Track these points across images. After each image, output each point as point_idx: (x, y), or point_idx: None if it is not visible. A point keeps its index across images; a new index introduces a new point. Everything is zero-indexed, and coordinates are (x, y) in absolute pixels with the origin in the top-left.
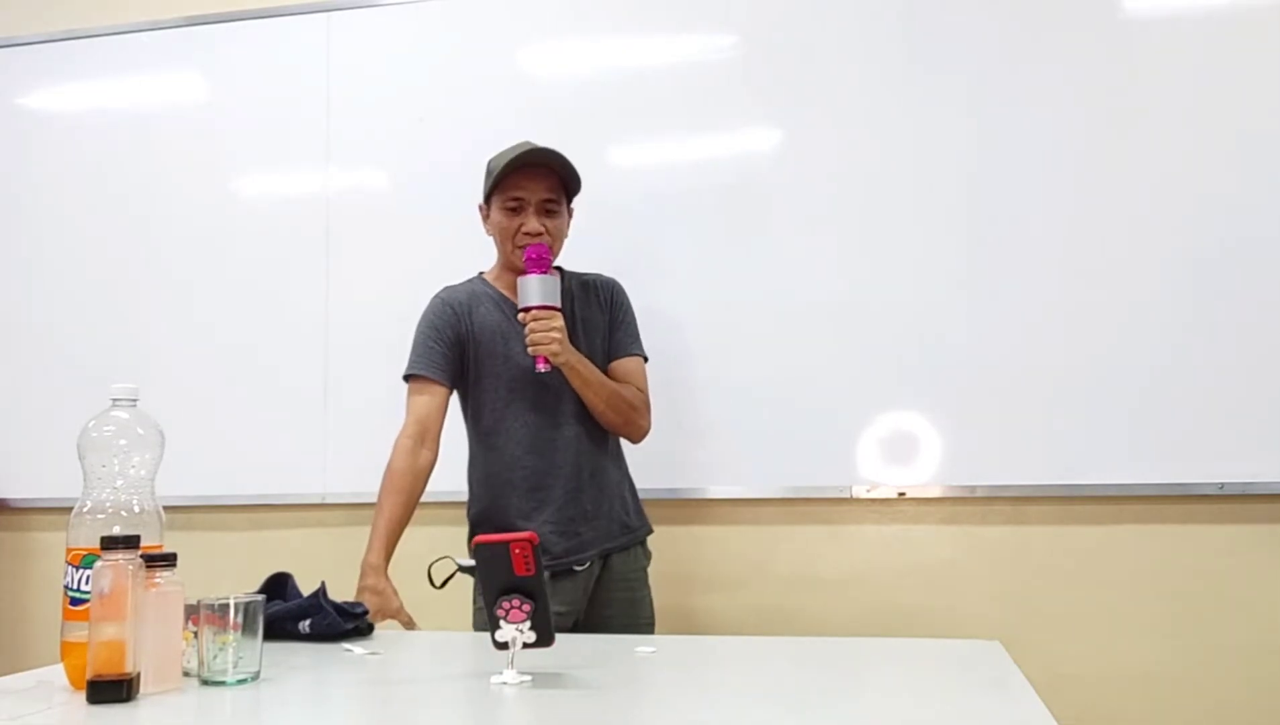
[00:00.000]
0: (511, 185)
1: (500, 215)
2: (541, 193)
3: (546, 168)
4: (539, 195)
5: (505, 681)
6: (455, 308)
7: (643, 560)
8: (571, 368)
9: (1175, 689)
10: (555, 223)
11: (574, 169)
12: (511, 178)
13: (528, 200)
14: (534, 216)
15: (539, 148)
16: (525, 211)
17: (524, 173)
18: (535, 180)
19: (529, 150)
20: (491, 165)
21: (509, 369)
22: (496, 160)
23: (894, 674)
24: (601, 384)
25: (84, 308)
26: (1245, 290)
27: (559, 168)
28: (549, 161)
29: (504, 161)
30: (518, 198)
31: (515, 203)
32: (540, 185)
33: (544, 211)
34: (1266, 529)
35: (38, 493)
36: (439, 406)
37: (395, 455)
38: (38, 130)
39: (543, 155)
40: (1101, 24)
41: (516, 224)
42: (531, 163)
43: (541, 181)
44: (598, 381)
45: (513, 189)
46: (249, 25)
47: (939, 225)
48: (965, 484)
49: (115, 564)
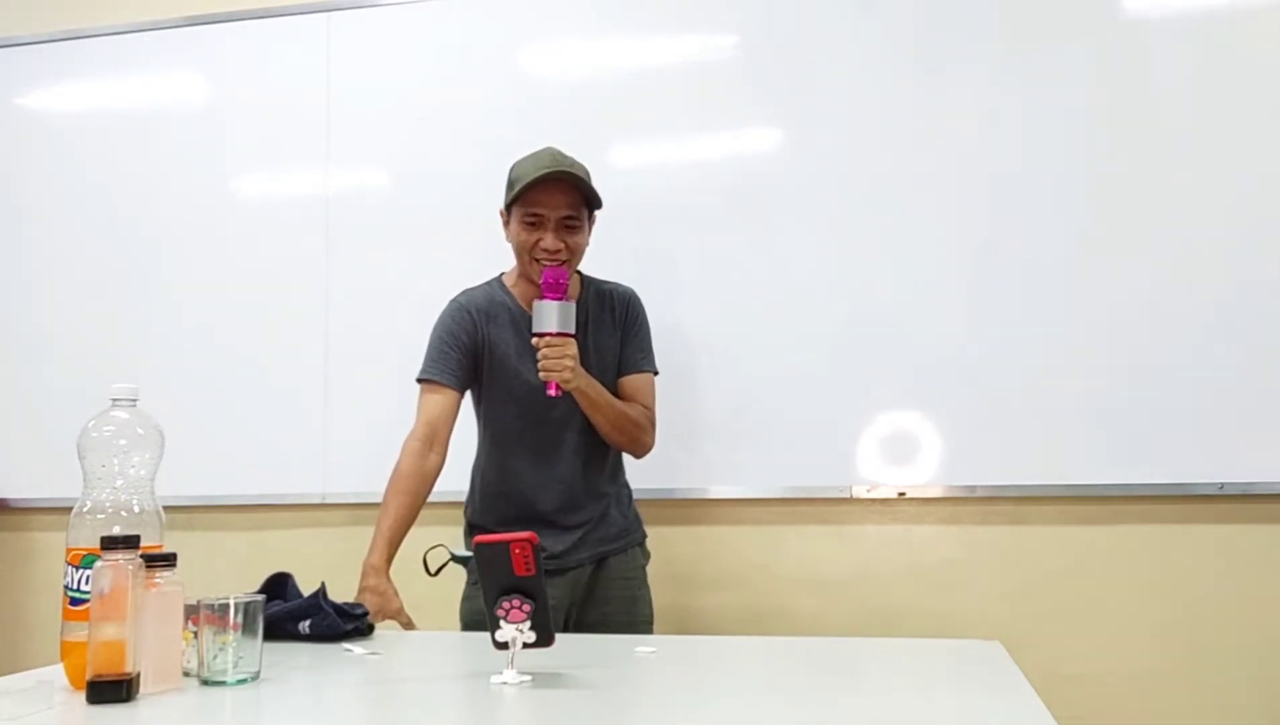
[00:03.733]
0: (531, 200)
1: (519, 228)
2: (562, 210)
3: (568, 183)
4: (559, 212)
5: (505, 681)
6: (474, 315)
7: (641, 560)
8: (581, 392)
9: (1175, 689)
10: (575, 239)
11: (593, 188)
12: (532, 193)
13: (547, 217)
14: (552, 233)
15: (561, 167)
16: (544, 227)
17: (545, 187)
18: (556, 196)
19: (551, 170)
20: (513, 176)
21: (520, 385)
22: (519, 170)
23: (894, 674)
24: (609, 406)
25: (84, 308)
26: (1245, 290)
27: (580, 183)
28: (571, 178)
29: (525, 175)
30: (536, 214)
31: (534, 218)
32: (561, 201)
33: (563, 227)
34: (1266, 529)
35: (38, 493)
36: (449, 411)
37: (403, 457)
38: (38, 130)
39: (565, 172)
40: (1104, 24)
41: (534, 239)
42: (554, 178)
43: (562, 197)
44: (606, 403)
45: (533, 204)
46: (249, 25)
47: (940, 226)
48: (965, 484)
49: (115, 564)
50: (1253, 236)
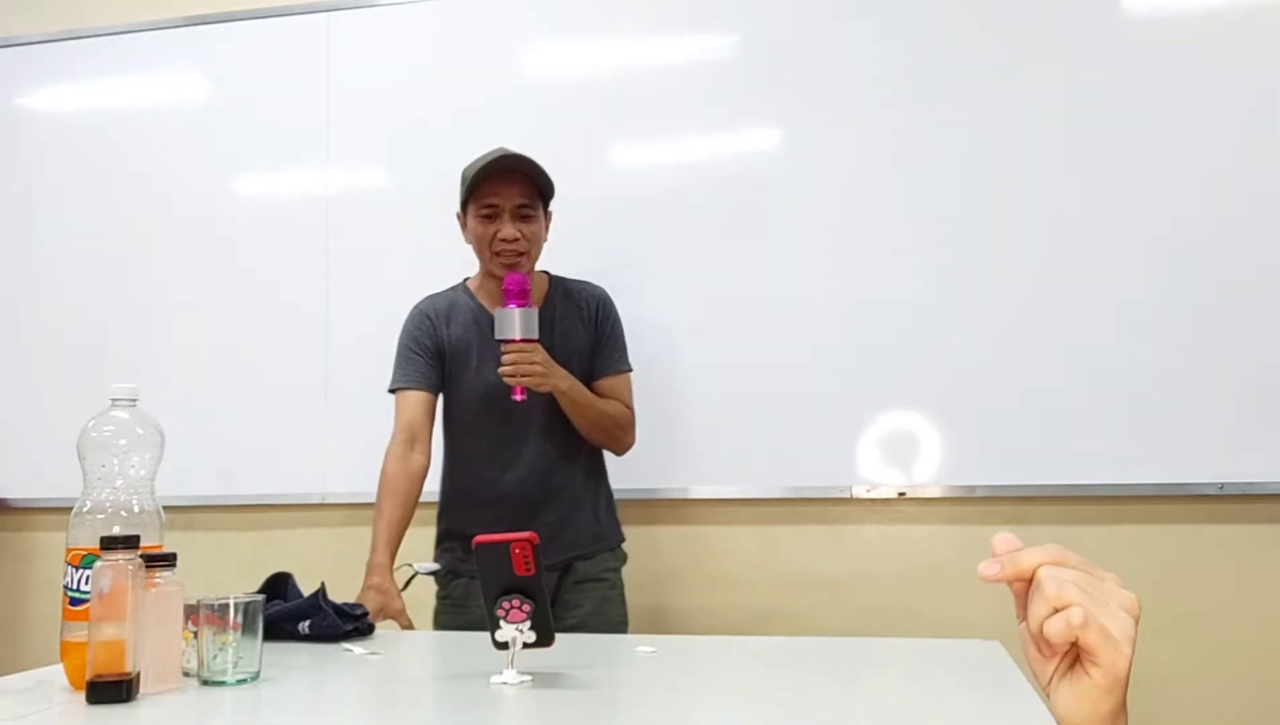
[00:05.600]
0: (485, 192)
1: (476, 223)
2: (515, 198)
3: (519, 173)
4: (513, 201)
5: (505, 681)
6: (432, 318)
7: (613, 563)
8: (563, 394)
9: (1175, 689)
10: (531, 228)
11: (546, 175)
12: (485, 185)
13: (502, 206)
14: (509, 222)
15: (509, 154)
16: (500, 218)
17: (497, 179)
18: (508, 186)
19: (499, 157)
20: (465, 173)
21: (480, 384)
22: (469, 168)
23: (894, 674)
24: (591, 405)
25: (84, 308)
26: (1245, 290)
27: (532, 173)
28: (521, 167)
29: (475, 169)
30: (492, 204)
31: (489, 210)
32: (514, 191)
33: (519, 217)
34: (1266, 529)
35: (38, 493)
36: (426, 412)
37: (387, 462)
38: (38, 130)
39: (513, 161)
40: (1103, 24)
41: (492, 231)
42: (504, 169)
43: (515, 187)
44: (588, 403)
45: (487, 196)
46: (249, 25)
47: (939, 225)
48: (965, 484)
49: (115, 564)
50: (1253, 236)
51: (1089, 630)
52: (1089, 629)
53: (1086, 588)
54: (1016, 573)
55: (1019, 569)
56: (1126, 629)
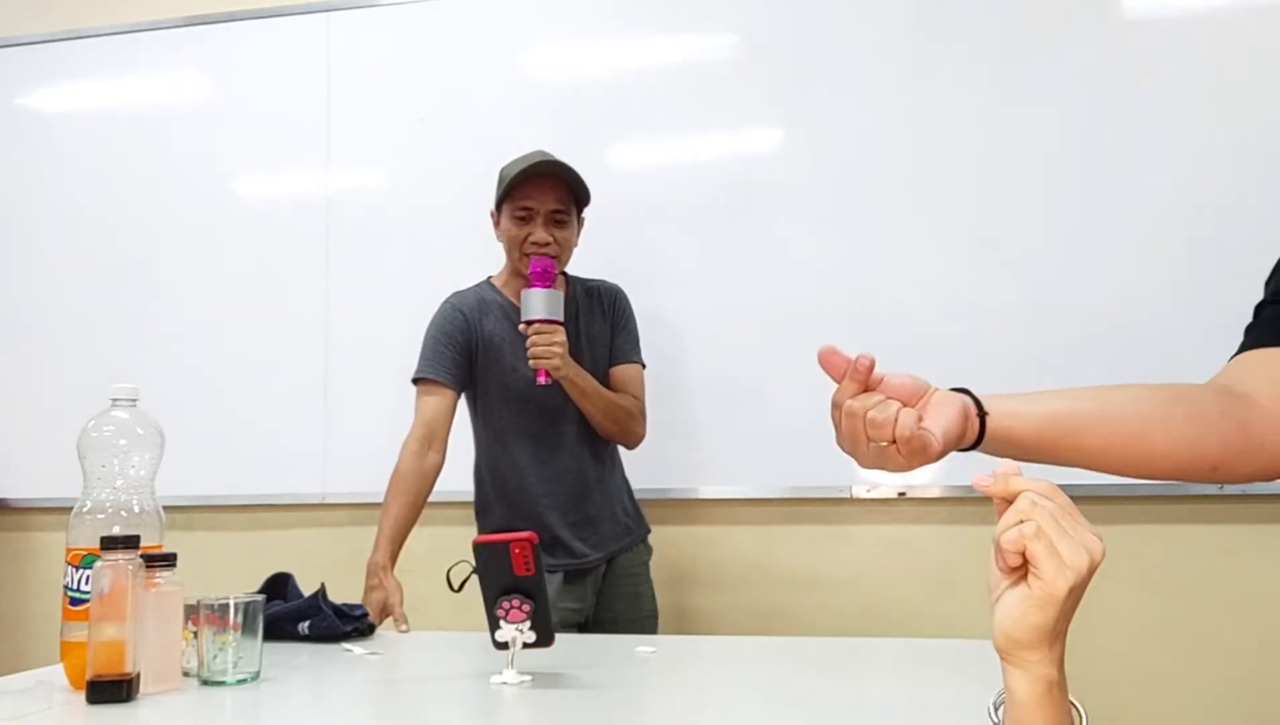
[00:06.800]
0: (521, 195)
1: (510, 223)
2: (550, 203)
3: (556, 178)
4: (548, 205)
5: (505, 681)
6: (466, 314)
7: (644, 556)
8: (569, 381)
9: (1175, 689)
10: (564, 233)
11: (583, 181)
12: (521, 187)
13: (536, 210)
14: (542, 227)
15: (549, 159)
16: (534, 221)
17: (534, 183)
18: (545, 190)
19: (539, 161)
20: (503, 173)
21: (516, 379)
22: (508, 168)
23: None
24: (599, 395)
25: (84, 308)
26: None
27: (569, 179)
28: (559, 172)
29: (515, 171)
30: (526, 207)
31: (524, 212)
32: (549, 195)
33: (552, 221)
34: (1266, 529)
35: (38, 493)
36: (447, 410)
37: (402, 458)
38: (38, 130)
39: (553, 166)
40: (1103, 22)
41: (525, 233)
42: (541, 173)
43: (551, 192)
44: (595, 392)
45: (522, 198)
46: (249, 25)
47: (939, 225)
48: (965, 484)
49: (115, 564)
50: (1253, 235)
51: (1038, 541)
52: (1038, 540)
53: (1058, 518)
54: (1006, 491)
55: (1009, 489)
56: (1078, 559)
